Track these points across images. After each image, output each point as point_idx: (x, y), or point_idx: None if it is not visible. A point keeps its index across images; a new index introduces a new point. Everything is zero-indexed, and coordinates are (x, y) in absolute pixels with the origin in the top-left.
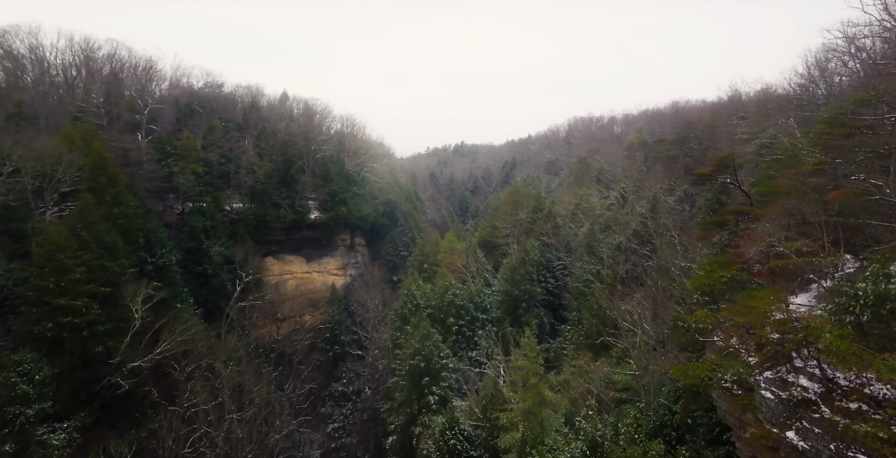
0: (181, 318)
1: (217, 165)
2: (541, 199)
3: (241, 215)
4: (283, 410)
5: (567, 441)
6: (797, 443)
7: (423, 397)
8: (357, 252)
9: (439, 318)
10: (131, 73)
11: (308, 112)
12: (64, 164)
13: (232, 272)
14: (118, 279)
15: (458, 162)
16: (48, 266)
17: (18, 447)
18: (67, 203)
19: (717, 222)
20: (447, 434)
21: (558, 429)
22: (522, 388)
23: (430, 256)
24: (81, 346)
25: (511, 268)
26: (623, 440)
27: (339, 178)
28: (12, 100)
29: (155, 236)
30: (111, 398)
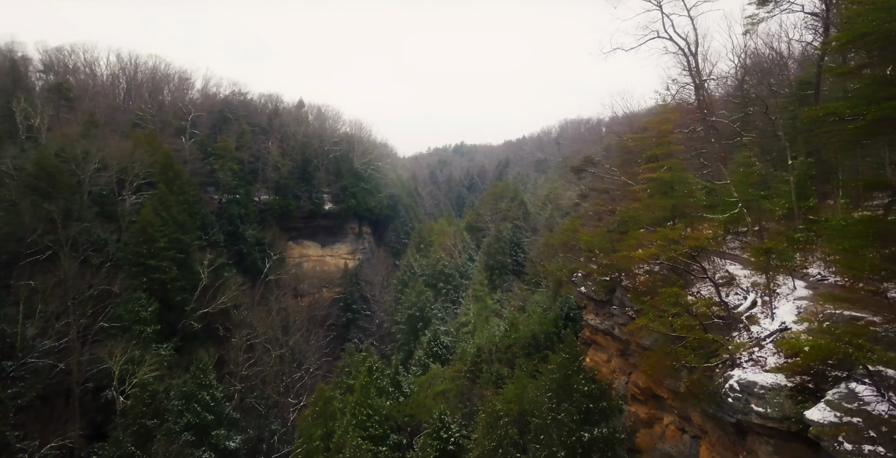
0: (231, 281)
1: (247, 164)
2: (517, 191)
3: (268, 205)
4: (310, 352)
5: (495, 324)
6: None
7: (418, 337)
8: (364, 239)
9: (432, 283)
10: (170, 84)
11: (321, 117)
12: (137, 161)
13: (262, 252)
14: (188, 248)
15: (457, 161)
16: (141, 237)
17: (144, 353)
18: (141, 193)
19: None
20: (431, 344)
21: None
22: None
23: (426, 237)
24: (166, 295)
25: (488, 244)
26: (530, 319)
27: (349, 174)
28: (83, 110)
29: (207, 219)
30: (189, 334)
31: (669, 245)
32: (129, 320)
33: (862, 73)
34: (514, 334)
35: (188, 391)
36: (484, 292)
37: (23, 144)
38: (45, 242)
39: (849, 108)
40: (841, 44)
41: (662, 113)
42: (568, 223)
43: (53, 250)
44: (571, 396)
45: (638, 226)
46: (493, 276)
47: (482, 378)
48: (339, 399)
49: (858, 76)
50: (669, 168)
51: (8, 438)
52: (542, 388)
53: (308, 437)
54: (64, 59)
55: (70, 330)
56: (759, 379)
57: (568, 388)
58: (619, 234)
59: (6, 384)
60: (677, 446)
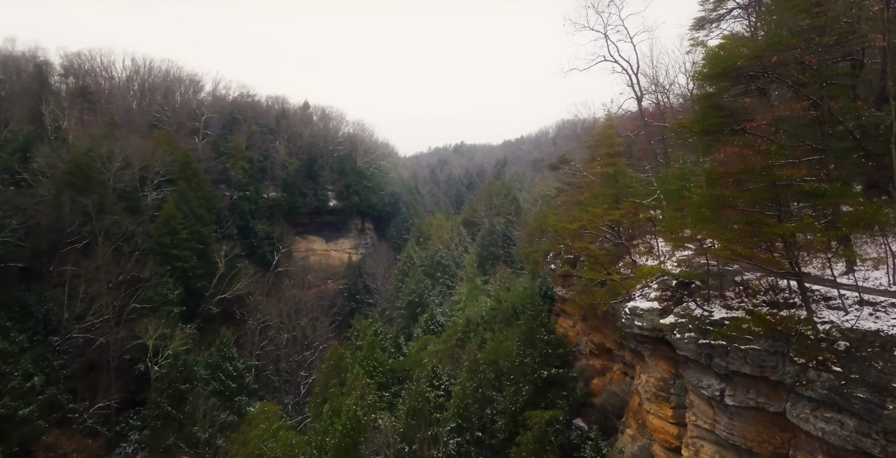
0: (244, 271)
1: (257, 162)
2: (510, 189)
3: (276, 202)
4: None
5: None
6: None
7: (417, 319)
8: (367, 235)
9: (430, 273)
10: (182, 87)
11: (325, 118)
12: (157, 160)
13: (271, 245)
14: (207, 240)
15: (456, 160)
16: (165, 228)
17: (171, 330)
18: (161, 189)
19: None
20: (428, 323)
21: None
22: (467, 283)
23: (425, 231)
24: (188, 282)
25: (482, 237)
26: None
27: (352, 173)
28: (103, 111)
29: (221, 214)
30: (208, 317)
31: (594, 219)
32: (158, 301)
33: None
34: (497, 308)
35: (213, 363)
36: (474, 274)
37: (52, 144)
38: (82, 232)
39: (691, 123)
40: (702, 77)
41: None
42: (541, 212)
43: (89, 240)
44: (535, 344)
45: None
46: (486, 265)
47: (470, 343)
48: (350, 356)
49: (709, 98)
50: (613, 164)
51: (60, 400)
52: (513, 339)
53: (325, 385)
54: (83, 64)
55: (107, 310)
56: (641, 305)
57: (532, 338)
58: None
59: (54, 356)
60: (620, 386)
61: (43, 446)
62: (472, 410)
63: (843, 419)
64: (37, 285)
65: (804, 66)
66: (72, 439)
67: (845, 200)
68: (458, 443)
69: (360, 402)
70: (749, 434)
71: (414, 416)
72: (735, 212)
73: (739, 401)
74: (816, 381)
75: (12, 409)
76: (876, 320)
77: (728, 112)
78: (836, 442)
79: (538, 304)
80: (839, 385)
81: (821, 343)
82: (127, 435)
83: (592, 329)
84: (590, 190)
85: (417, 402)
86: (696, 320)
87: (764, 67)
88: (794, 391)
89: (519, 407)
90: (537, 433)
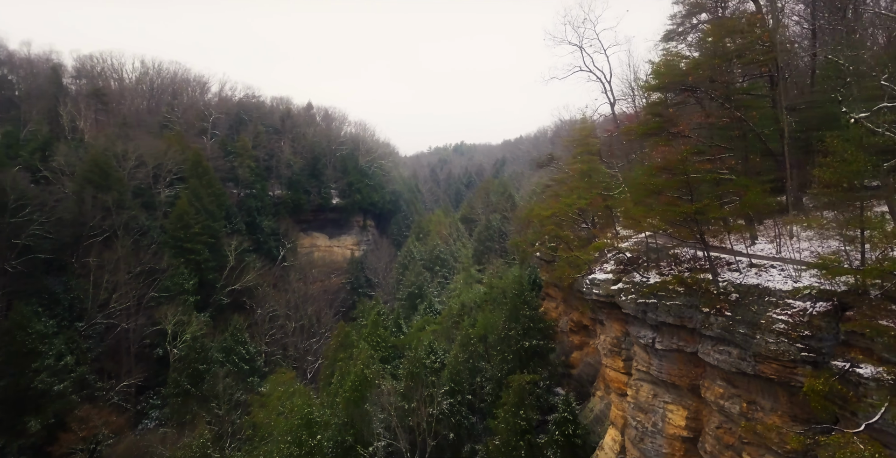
0: (251, 265)
1: (262, 161)
2: (506, 186)
3: (281, 199)
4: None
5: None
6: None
7: (417, 309)
8: (368, 232)
9: (429, 266)
10: (189, 88)
11: (327, 118)
12: (170, 159)
13: (277, 241)
14: (217, 234)
15: (456, 160)
16: (179, 223)
17: (188, 317)
18: (173, 186)
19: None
20: (427, 310)
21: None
22: (463, 272)
23: (425, 227)
24: (200, 273)
25: (479, 232)
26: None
27: (354, 171)
28: (116, 112)
29: (230, 210)
30: (220, 306)
31: (565, 208)
32: (174, 290)
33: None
34: (489, 293)
35: (227, 346)
36: (469, 264)
37: (69, 143)
38: (103, 226)
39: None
40: (647, 88)
41: (583, 123)
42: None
43: (109, 234)
44: (519, 319)
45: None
46: (482, 258)
47: (463, 323)
48: (356, 334)
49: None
50: (587, 162)
51: (88, 379)
52: (500, 315)
53: (333, 359)
54: (94, 66)
55: (128, 298)
56: (599, 277)
57: (516, 314)
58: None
59: (81, 340)
60: (595, 357)
61: (76, 419)
62: (463, 376)
63: (730, 349)
64: (62, 275)
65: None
66: (101, 413)
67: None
68: (451, 404)
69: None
70: (673, 371)
71: (412, 379)
72: (663, 197)
73: (666, 346)
74: (715, 324)
75: (48, 384)
76: (758, 277)
77: (665, 118)
78: (725, 368)
79: (524, 285)
80: (729, 325)
81: (720, 296)
82: (147, 413)
83: (572, 309)
84: (568, 185)
85: (416, 367)
86: (637, 285)
87: (685, 84)
88: (702, 334)
89: (504, 374)
90: (517, 391)
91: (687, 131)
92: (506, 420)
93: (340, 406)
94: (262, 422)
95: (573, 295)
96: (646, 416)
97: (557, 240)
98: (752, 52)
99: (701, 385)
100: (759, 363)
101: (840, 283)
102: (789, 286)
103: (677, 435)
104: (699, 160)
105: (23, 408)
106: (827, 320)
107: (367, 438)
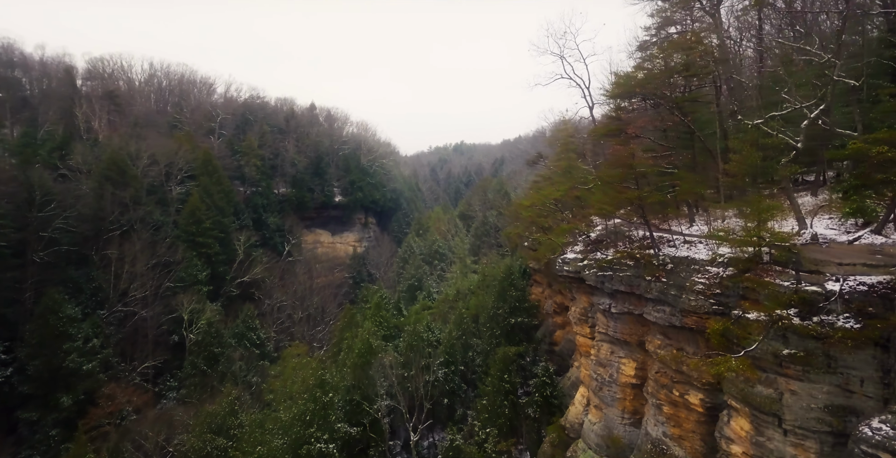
0: (258, 259)
1: (268, 160)
2: (502, 184)
3: (286, 197)
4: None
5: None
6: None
7: (416, 299)
8: (370, 229)
9: (428, 260)
10: (195, 89)
11: (330, 119)
12: (181, 158)
13: (282, 237)
14: (227, 229)
15: (456, 159)
16: (191, 218)
17: (202, 305)
18: (184, 184)
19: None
20: (425, 300)
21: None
22: (459, 264)
23: (424, 223)
24: (211, 266)
25: (476, 228)
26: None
27: (356, 170)
28: (126, 113)
29: (238, 207)
30: (230, 297)
31: (542, 199)
32: (189, 280)
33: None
34: (483, 280)
35: (239, 332)
36: (465, 255)
37: (84, 143)
38: (121, 221)
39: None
40: (611, 95)
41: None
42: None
43: (126, 228)
44: (506, 299)
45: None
46: (478, 251)
47: (458, 306)
48: (360, 315)
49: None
50: (567, 159)
51: (112, 361)
52: (490, 297)
53: (340, 338)
54: (104, 68)
55: (146, 288)
56: (569, 256)
57: (504, 294)
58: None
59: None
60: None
61: (103, 395)
62: (456, 350)
63: (665, 308)
64: (84, 266)
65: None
66: (125, 391)
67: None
68: (445, 373)
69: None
70: (625, 331)
71: (411, 350)
72: (616, 187)
73: (619, 309)
74: (654, 288)
75: (78, 364)
76: (688, 251)
77: (621, 121)
78: (662, 323)
79: (513, 271)
80: (664, 289)
81: (659, 267)
82: (165, 394)
83: (555, 293)
84: (551, 180)
85: (415, 340)
86: (598, 261)
87: (639, 93)
88: (645, 298)
89: (493, 348)
90: (502, 359)
91: (638, 133)
92: (492, 384)
93: (349, 371)
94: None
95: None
96: (604, 369)
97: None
98: (694, 66)
99: (646, 341)
100: (685, 317)
101: (746, 252)
102: (708, 257)
103: (628, 383)
104: (649, 156)
105: (55, 385)
106: (733, 280)
107: (372, 398)
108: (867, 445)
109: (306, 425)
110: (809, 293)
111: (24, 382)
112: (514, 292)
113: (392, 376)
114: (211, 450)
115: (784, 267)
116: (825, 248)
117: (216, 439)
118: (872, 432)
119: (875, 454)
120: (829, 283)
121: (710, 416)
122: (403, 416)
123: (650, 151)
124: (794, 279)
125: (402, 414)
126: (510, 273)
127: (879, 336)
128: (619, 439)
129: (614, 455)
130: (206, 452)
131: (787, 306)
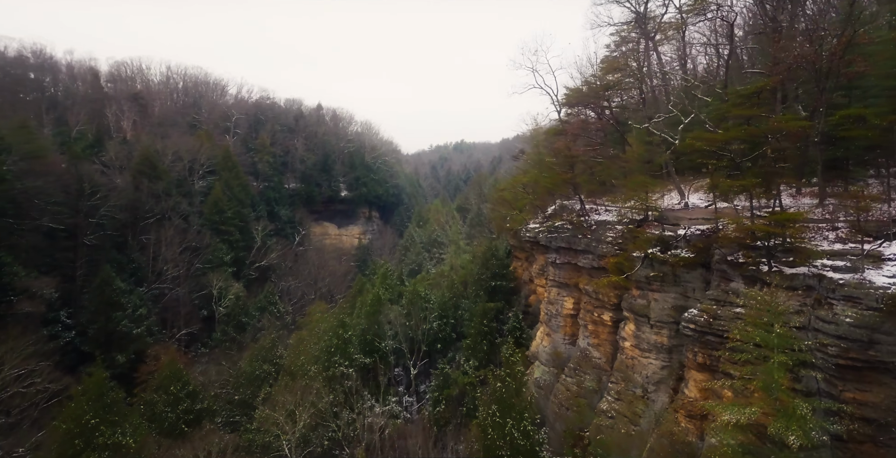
0: (273, 247)
1: (279, 157)
2: (497, 179)
3: (296, 191)
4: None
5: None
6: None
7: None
8: (373, 222)
9: (427, 248)
10: (209, 91)
11: (335, 118)
12: (203, 154)
13: (293, 228)
14: (247, 219)
15: (456, 158)
16: (214, 209)
17: (225, 284)
18: (205, 178)
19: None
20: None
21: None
22: (453, 246)
23: (424, 216)
24: (232, 251)
25: (471, 219)
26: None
27: (360, 167)
28: (150, 113)
29: (254, 199)
30: (249, 280)
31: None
32: (215, 262)
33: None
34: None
35: (262, 306)
36: (458, 238)
37: (115, 141)
38: (154, 210)
39: (551, 130)
40: (564, 103)
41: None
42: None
43: (159, 217)
44: (489, 265)
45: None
46: (472, 239)
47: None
48: (369, 283)
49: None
50: (536, 154)
51: (153, 329)
52: (476, 263)
53: (352, 302)
54: (125, 70)
55: (178, 269)
56: (531, 226)
57: (488, 262)
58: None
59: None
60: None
61: (150, 356)
62: (448, 308)
63: (589, 256)
64: (124, 249)
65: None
66: (167, 352)
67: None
68: (439, 324)
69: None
70: (566, 276)
71: (412, 305)
72: (558, 172)
73: (562, 260)
74: (583, 242)
75: (129, 328)
76: (606, 216)
77: (567, 123)
78: (587, 267)
79: (496, 247)
80: (589, 242)
81: (587, 227)
82: (199, 359)
83: (530, 264)
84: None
85: (415, 298)
86: (548, 227)
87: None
88: (577, 250)
89: (477, 305)
90: (483, 309)
91: (577, 132)
92: (475, 327)
93: (363, 318)
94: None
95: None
96: (553, 306)
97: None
98: (621, 83)
99: (579, 282)
100: (601, 260)
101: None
102: (617, 219)
103: (568, 314)
104: (587, 149)
105: (111, 346)
106: (630, 233)
107: (381, 338)
108: (685, 322)
109: (331, 354)
110: (667, 237)
111: (84, 343)
112: (496, 261)
113: (396, 325)
114: (259, 373)
115: (660, 222)
116: (689, 210)
117: (263, 365)
118: (689, 315)
119: (687, 326)
120: (679, 230)
121: (615, 327)
122: (405, 355)
123: (588, 146)
124: (660, 229)
125: (404, 353)
126: (494, 247)
127: (704, 260)
128: (561, 353)
129: (557, 365)
130: (255, 375)
131: (653, 245)
